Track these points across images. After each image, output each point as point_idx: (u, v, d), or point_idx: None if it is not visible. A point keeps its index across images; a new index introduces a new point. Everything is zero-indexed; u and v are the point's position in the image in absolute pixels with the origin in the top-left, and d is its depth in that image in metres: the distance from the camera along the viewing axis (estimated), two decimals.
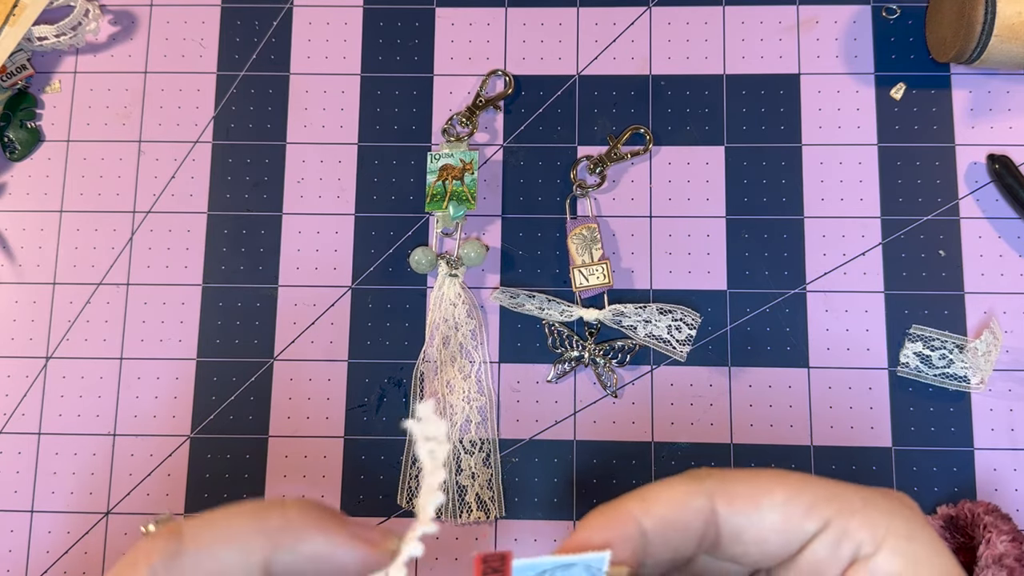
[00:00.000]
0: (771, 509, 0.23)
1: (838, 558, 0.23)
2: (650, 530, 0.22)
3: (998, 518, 0.37)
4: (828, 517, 0.23)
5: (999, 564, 0.36)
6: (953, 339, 0.40)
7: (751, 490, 0.24)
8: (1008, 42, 0.38)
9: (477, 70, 0.43)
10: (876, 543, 0.23)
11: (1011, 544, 0.36)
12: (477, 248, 0.41)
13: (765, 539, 0.23)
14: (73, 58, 0.44)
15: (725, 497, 0.24)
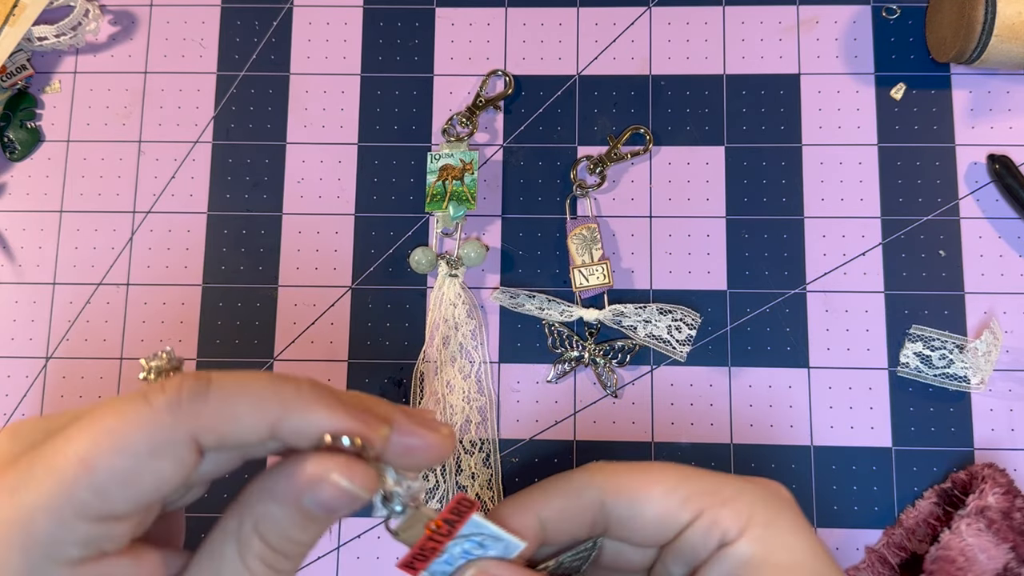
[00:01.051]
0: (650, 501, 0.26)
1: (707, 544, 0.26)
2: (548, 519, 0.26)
3: (996, 472, 0.37)
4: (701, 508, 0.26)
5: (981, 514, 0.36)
6: (953, 339, 0.40)
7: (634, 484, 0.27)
8: (1008, 42, 0.38)
9: (477, 70, 0.43)
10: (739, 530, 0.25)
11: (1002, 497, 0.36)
12: (477, 248, 0.41)
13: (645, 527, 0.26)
14: (73, 58, 0.44)
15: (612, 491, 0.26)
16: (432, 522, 0.25)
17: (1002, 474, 0.37)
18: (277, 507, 0.23)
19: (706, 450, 0.40)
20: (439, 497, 0.39)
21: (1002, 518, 0.35)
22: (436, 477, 0.40)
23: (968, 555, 0.35)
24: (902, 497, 0.39)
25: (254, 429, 0.22)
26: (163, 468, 0.22)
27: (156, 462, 0.21)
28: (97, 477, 0.21)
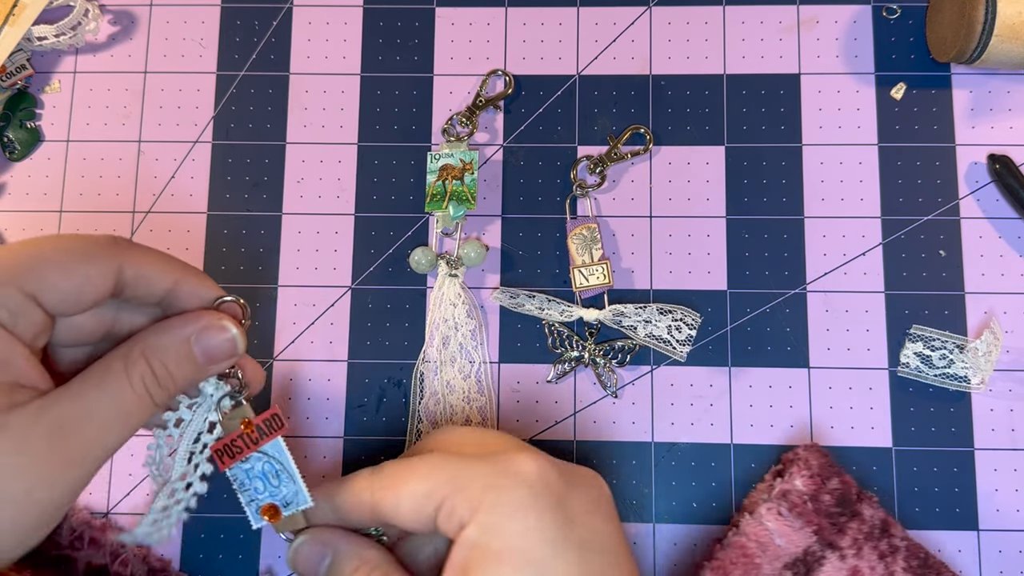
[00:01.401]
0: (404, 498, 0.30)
1: (450, 531, 0.29)
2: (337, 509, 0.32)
3: (812, 453, 0.37)
4: (442, 498, 0.29)
5: (783, 498, 0.36)
6: (953, 339, 0.40)
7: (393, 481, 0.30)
8: (1008, 42, 0.38)
9: (477, 70, 0.43)
10: (470, 515, 0.28)
11: (810, 480, 0.36)
12: (477, 248, 0.41)
13: (407, 522, 0.30)
14: (73, 58, 0.44)
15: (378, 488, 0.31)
16: (246, 421, 0.31)
17: (817, 455, 0.37)
18: (168, 339, 0.29)
19: (706, 450, 0.40)
20: None
21: (807, 501, 0.35)
22: None
23: (762, 540, 0.35)
24: (902, 497, 0.39)
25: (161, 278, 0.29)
26: (89, 272, 0.27)
27: (85, 266, 0.27)
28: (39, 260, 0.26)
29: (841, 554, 0.35)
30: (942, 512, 0.39)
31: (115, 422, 0.27)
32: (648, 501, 0.39)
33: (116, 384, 0.27)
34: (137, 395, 0.28)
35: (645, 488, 0.39)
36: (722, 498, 0.39)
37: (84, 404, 0.27)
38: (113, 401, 0.27)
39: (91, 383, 0.27)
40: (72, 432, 0.26)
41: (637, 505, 0.39)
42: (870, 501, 0.37)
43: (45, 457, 0.26)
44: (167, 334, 0.29)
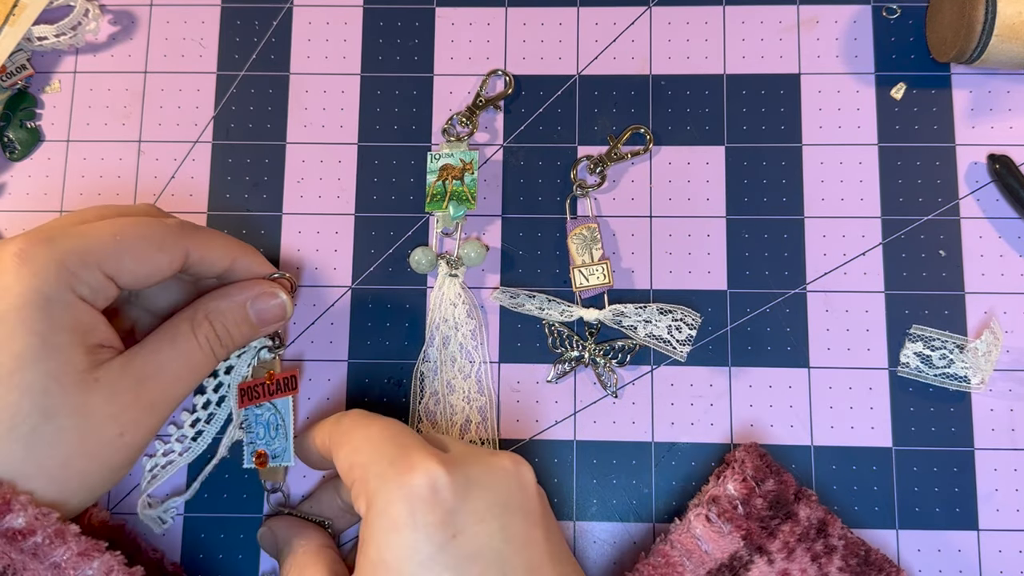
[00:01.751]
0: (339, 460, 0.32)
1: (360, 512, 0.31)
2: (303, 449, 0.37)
3: (749, 455, 0.37)
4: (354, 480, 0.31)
5: (713, 503, 0.35)
6: (953, 339, 0.40)
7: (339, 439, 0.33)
8: (1008, 42, 0.38)
9: (477, 70, 0.43)
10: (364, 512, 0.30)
11: (742, 484, 0.35)
12: (477, 248, 0.41)
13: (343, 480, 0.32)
14: (73, 58, 0.44)
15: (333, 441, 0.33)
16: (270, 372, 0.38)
17: (755, 457, 0.36)
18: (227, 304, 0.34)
19: (706, 450, 0.40)
20: None
21: (738, 506, 0.35)
22: None
23: (688, 547, 0.35)
24: (902, 497, 0.39)
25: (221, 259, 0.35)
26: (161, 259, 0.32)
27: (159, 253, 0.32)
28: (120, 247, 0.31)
29: (769, 558, 0.35)
30: (942, 512, 0.39)
31: (185, 375, 0.33)
32: (648, 501, 0.39)
33: (185, 343, 0.33)
34: (203, 352, 0.34)
35: (645, 488, 0.39)
36: None
37: (159, 360, 0.32)
38: (183, 357, 0.33)
39: (164, 342, 0.33)
40: (151, 383, 0.32)
41: (637, 505, 0.39)
42: (808, 501, 0.36)
43: (131, 405, 0.31)
44: (227, 300, 0.34)
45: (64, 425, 0.30)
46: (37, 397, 0.29)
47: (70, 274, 0.30)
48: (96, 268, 0.31)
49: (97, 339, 0.31)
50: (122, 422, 0.31)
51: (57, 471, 0.30)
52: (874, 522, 0.39)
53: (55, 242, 0.30)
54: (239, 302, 0.35)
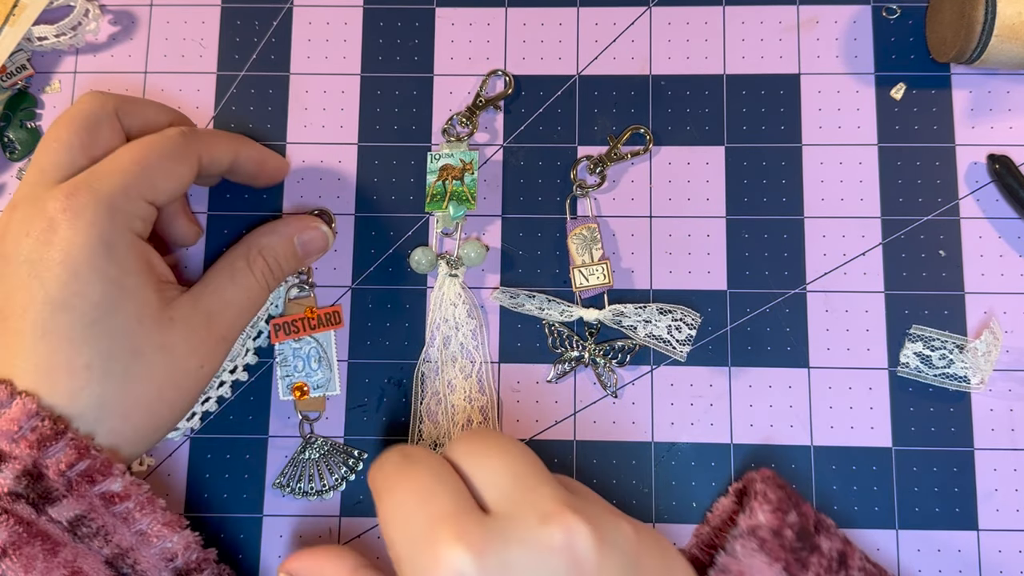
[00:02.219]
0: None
1: None
2: None
3: (770, 487, 0.36)
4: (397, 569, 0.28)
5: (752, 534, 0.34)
6: (953, 339, 0.40)
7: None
8: (1008, 42, 0.38)
9: (477, 70, 0.43)
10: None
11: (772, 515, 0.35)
12: (477, 248, 0.41)
13: None
14: (73, 58, 0.44)
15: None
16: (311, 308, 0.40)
17: (774, 488, 0.35)
18: (277, 239, 0.37)
19: (706, 450, 0.40)
20: None
21: (773, 536, 0.34)
22: None
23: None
24: (902, 497, 0.39)
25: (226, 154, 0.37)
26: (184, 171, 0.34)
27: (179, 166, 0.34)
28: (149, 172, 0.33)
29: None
30: (942, 512, 0.39)
31: (247, 308, 0.36)
32: (648, 501, 0.39)
33: (244, 279, 0.36)
34: (259, 286, 0.36)
35: (645, 488, 0.39)
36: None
37: (223, 295, 0.35)
38: (244, 291, 0.36)
39: (224, 279, 0.35)
40: (219, 318, 0.35)
41: (637, 505, 0.39)
42: (828, 532, 0.35)
43: (206, 339, 0.34)
44: (276, 235, 0.37)
45: (152, 360, 0.32)
46: (124, 339, 0.32)
47: (121, 213, 0.32)
48: (139, 199, 0.33)
49: (159, 273, 0.34)
50: (200, 355, 0.34)
51: (151, 403, 0.33)
52: (874, 522, 0.39)
53: (95, 186, 0.32)
54: (287, 235, 0.38)
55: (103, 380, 0.31)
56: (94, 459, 0.31)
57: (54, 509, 0.30)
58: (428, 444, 0.40)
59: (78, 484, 0.30)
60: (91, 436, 0.31)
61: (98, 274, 0.31)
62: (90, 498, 0.31)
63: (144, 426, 0.33)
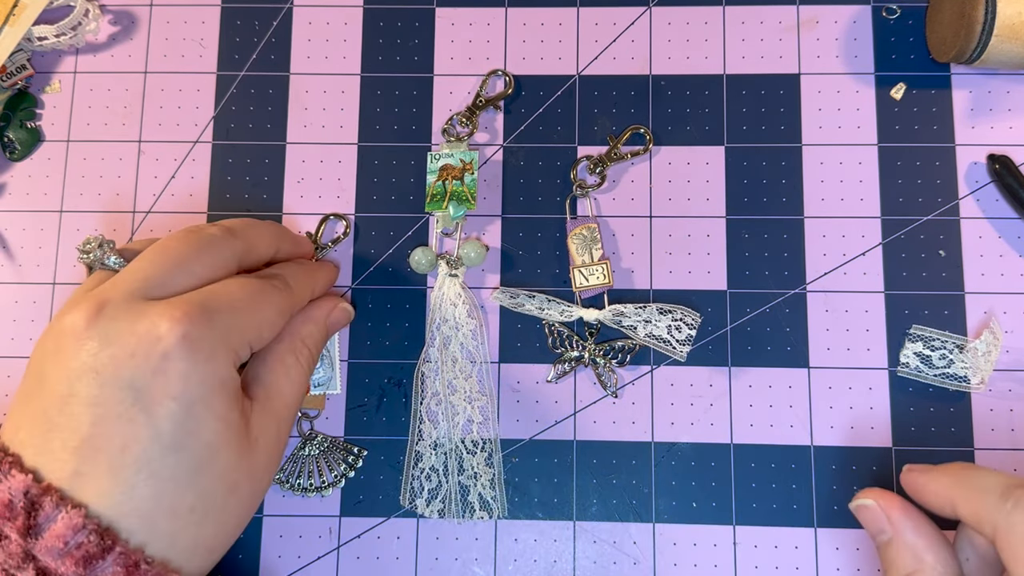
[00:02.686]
0: None
1: None
2: None
3: None
4: None
5: None
6: (953, 339, 0.40)
7: None
8: (1008, 42, 0.38)
9: (477, 70, 0.43)
10: None
11: None
12: (477, 248, 0.41)
13: None
14: (73, 58, 0.44)
15: None
16: None
17: None
18: (314, 327, 0.37)
19: (706, 450, 0.40)
20: (441, 497, 0.40)
21: None
22: (439, 478, 0.40)
23: None
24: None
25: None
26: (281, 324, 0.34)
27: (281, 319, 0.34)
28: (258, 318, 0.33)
29: None
30: None
31: (299, 401, 0.35)
32: (648, 501, 0.39)
33: (297, 374, 0.35)
34: (307, 374, 0.36)
35: (645, 488, 0.39)
36: (722, 498, 0.39)
37: (286, 400, 0.34)
38: (298, 386, 0.35)
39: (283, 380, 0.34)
40: (284, 424, 0.34)
41: (637, 505, 0.39)
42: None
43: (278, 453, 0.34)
44: (313, 323, 0.37)
45: (243, 493, 0.31)
46: (227, 477, 0.30)
47: (234, 354, 0.31)
48: (247, 343, 0.32)
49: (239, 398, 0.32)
50: (273, 468, 0.33)
51: (236, 534, 0.32)
52: None
53: (214, 322, 0.30)
54: (322, 321, 0.37)
55: (203, 521, 0.29)
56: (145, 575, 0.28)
57: None
58: (428, 444, 0.40)
59: None
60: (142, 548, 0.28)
61: (212, 413, 0.29)
62: None
63: (221, 555, 0.32)
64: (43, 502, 0.27)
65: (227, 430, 0.30)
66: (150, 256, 0.31)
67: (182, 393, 0.28)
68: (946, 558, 0.30)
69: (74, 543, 0.27)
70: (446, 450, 0.40)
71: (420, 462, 0.40)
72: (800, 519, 0.39)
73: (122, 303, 0.29)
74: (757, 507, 0.39)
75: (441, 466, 0.40)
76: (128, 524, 0.28)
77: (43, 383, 0.29)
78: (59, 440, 0.28)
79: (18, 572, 0.27)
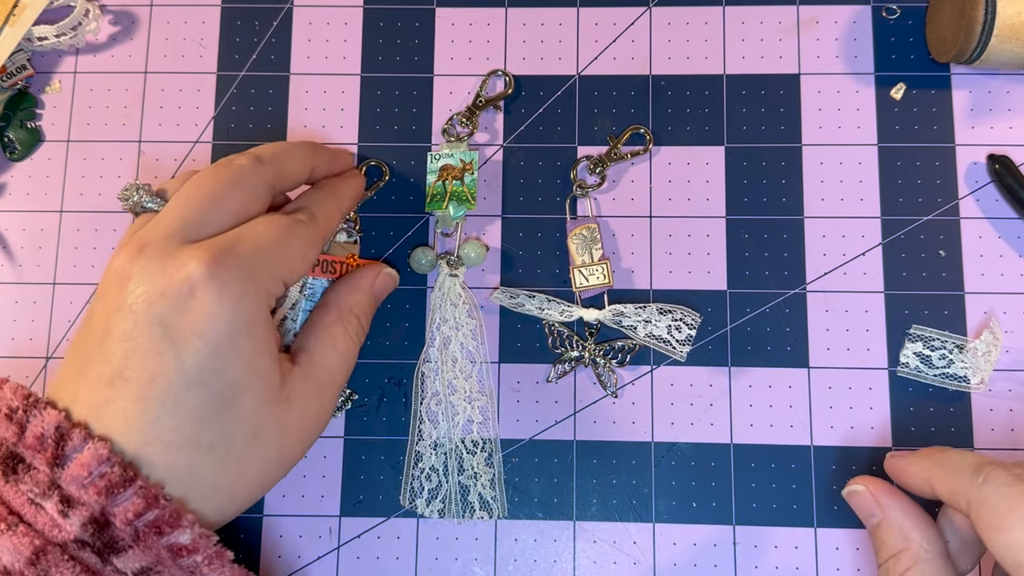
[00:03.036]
0: None
1: None
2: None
3: None
4: None
5: None
6: (953, 339, 0.40)
7: None
8: (1008, 42, 0.38)
9: (477, 70, 0.43)
10: None
11: None
12: (477, 248, 0.41)
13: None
14: (73, 58, 0.44)
15: None
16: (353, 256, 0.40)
17: None
18: (362, 296, 0.38)
19: (706, 450, 0.40)
20: (441, 497, 0.40)
21: None
22: (439, 478, 0.40)
23: None
24: None
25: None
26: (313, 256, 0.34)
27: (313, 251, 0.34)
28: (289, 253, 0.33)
29: None
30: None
31: (346, 371, 0.36)
32: (648, 501, 0.39)
33: (345, 343, 0.36)
34: (356, 344, 0.37)
35: (645, 488, 0.39)
36: (722, 498, 0.39)
37: (330, 367, 0.35)
38: (345, 356, 0.36)
39: (328, 348, 0.35)
40: (327, 391, 0.35)
41: (637, 505, 0.39)
42: None
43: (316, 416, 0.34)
44: (360, 291, 0.38)
45: (268, 443, 0.32)
46: (248, 420, 0.31)
47: (264, 290, 0.31)
48: (279, 279, 0.32)
49: (278, 349, 0.33)
50: (308, 434, 0.34)
51: (259, 484, 0.32)
52: None
53: (243, 260, 0.31)
54: (368, 289, 0.38)
55: (223, 461, 0.30)
56: (163, 509, 0.29)
57: (119, 559, 0.29)
58: (428, 444, 0.40)
59: (145, 535, 0.29)
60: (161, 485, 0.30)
61: (237, 353, 0.30)
62: (157, 550, 0.29)
63: (244, 504, 0.32)
64: (72, 435, 0.29)
65: (253, 374, 0.31)
66: (186, 194, 0.32)
67: (209, 331, 0.29)
68: (932, 536, 0.32)
69: (98, 473, 0.28)
70: (446, 450, 0.40)
71: (420, 462, 0.40)
72: (800, 519, 0.39)
73: (160, 245, 0.30)
74: (757, 507, 0.39)
75: (441, 466, 0.40)
76: (150, 457, 0.29)
77: (91, 321, 0.31)
78: (95, 372, 0.30)
79: (43, 500, 0.28)
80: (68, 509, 0.28)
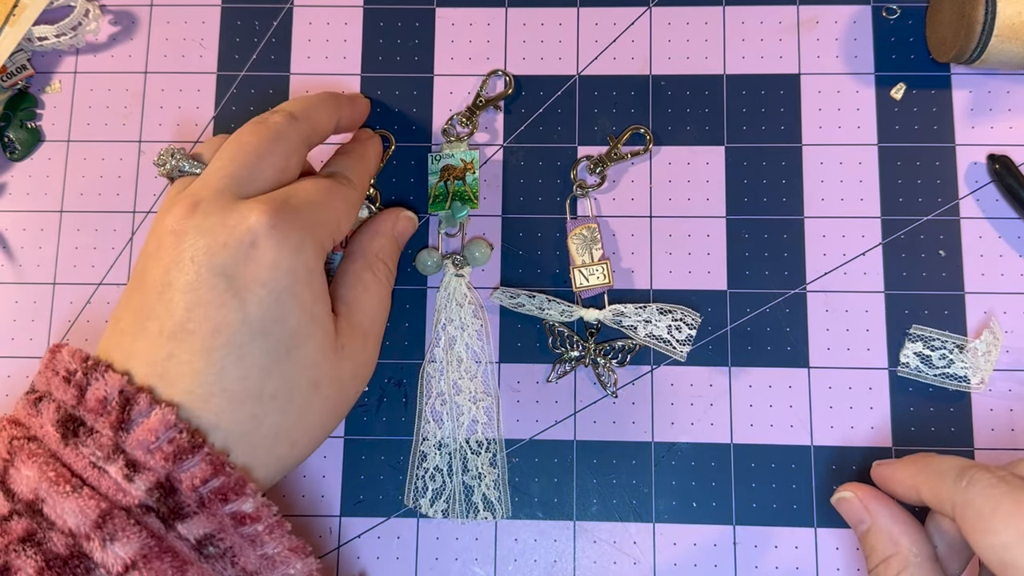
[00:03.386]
0: None
1: None
2: None
3: None
4: None
5: None
6: (953, 339, 0.40)
7: None
8: (1008, 42, 0.38)
9: (477, 70, 0.43)
10: None
11: None
12: (483, 248, 0.41)
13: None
14: (73, 58, 0.44)
15: None
16: None
17: None
18: (386, 241, 0.38)
19: (706, 450, 0.40)
20: (445, 497, 0.40)
21: None
22: (443, 478, 0.40)
23: None
24: None
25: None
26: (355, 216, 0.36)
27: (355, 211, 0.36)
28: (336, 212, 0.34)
29: None
30: None
31: (385, 316, 0.37)
32: (648, 501, 0.39)
33: (377, 288, 0.36)
34: (387, 288, 0.37)
35: (645, 488, 0.40)
36: (722, 498, 0.39)
37: (368, 312, 0.36)
38: (380, 300, 0.36)
39: (364, 296, 0.36)
40: (371, 338, 0.36)
41: (637, 505, 0.39)
42: None
43: (365, 363, 0.35)
44: (384, 236, 0.38)
45: (327, 393, 0.32)
46: (310, 370, 0.31)
47: (319, 242, 0.32)
48: (330, 235, 0.33)
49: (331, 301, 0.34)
50: (359, 381, 0.35)
51: (318, 434, 0.33)
52: None
53: (300, 215, 0.31)
54: (390, 234, 0.39)
55: (285, 410, 0.31)
56: (228, 476, 0.29)
57: (183, 525, 0.29)
58: (432, 444, 0.40)
59: (210, 501, 0.29)
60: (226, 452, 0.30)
61: (298, 302, 0.31)
62: (221, 517, 0.29)
63: (303, 454, 0.33)
64: (138, 399, 0.29)
65: (312, 322, 0.31)
66: (230, 152, 0.33)
67: (271, 280, 0.30)
68: (920, 541, 0.32)
69: (165, 438, 0.28)
70: (450, 450, 0.40)
71: (424, 462, 0.40)
72: (800, 519, 0.39)
73: (215, 199, 0.31)
74: (757, 507, 0.39)
75: (445, 466, 0.40)
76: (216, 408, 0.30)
77: (144, 278, 0.31)
78: (156, 325, 0.30)
79: (106, 464, 0.28)
80: (134, 474, 0.28)
